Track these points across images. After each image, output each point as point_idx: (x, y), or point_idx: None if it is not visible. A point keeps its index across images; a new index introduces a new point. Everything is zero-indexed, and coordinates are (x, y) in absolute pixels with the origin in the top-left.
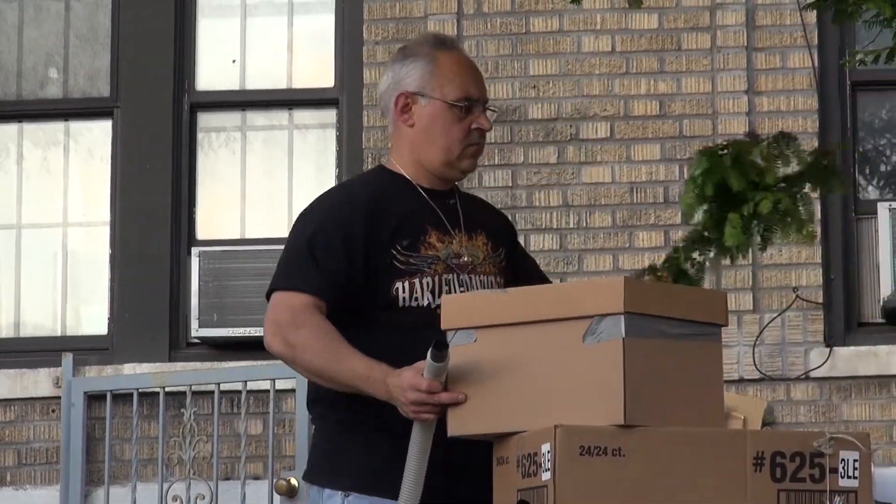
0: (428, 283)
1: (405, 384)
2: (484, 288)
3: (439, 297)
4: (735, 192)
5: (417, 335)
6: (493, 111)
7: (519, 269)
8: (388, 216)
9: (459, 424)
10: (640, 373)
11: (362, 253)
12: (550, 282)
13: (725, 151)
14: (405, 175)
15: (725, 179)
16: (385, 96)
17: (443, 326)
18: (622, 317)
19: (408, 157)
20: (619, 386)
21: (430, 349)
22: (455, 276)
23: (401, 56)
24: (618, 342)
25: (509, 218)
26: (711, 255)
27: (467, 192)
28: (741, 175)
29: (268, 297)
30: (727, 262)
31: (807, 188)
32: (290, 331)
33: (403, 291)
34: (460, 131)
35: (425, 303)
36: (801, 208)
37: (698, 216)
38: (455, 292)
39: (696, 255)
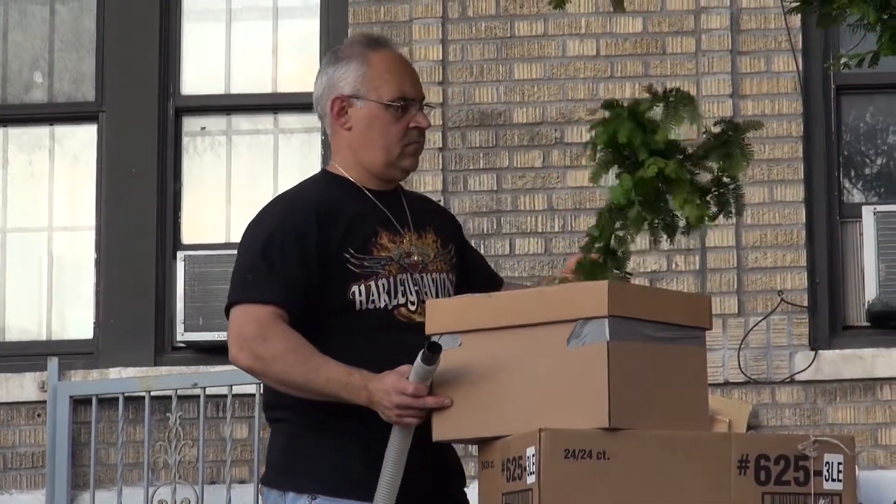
0: (383, 284)
1: (389, 387)
2: (436, 286)
3: (395, 298)
4: (622, 145)
5: (376, 337)
6: (430, 107)
7: (468, 264)
8: (337, 220)
9: (445, 429)
10: (624, 376)
11: (317, 258)
12: (499, 276)
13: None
14: (349, 178)
15: (617, 131)
16: (321, 101)
17: (427, 331)
18: (606, 320)
19: (350, 160)
20: (604, 389)
21: (421, 351)
22: (409, 275)
23: (333, 59)
24: (602, 345)
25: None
26: (630, 227)
27: (411, 191)
28: (633, 130)
29: (227, 310)
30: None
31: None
32: (257, 344)
33: (360, 294)
34: (398, 131)
35: (382, 304)
36: (689, 179)
37: (606, 181)
38: (409, 292)
39: (618, 228)
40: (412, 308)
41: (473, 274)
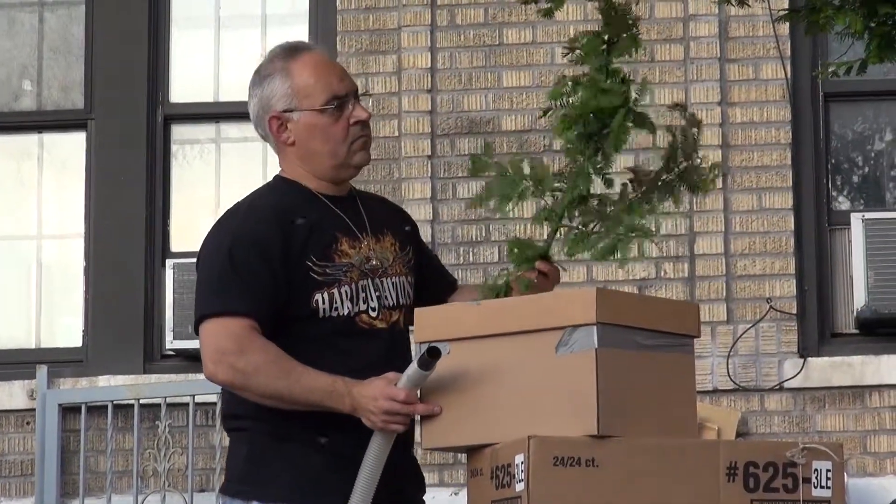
0: (346, 291)
1: (377, 394)
2: (396, 290)
3: (356, 304)
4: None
5: (338, 345)
6: (367, 95)
7: (424, 266)
8: (296, 228)
9: (434, 437)
10: (613, 383)
11: (281, 266)
12: (454, 277)
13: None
14: (303, 184)
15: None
16: (259, 123)
17: (416, 339)
18: (594, 327)
19: (300, 170)
20: (593, 396)
21: (417, 357)
22: (370, 281)
23: (258, 78)
24: (590, 353)
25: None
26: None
27: (367, 192)
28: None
29: (196, 325)
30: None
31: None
32: (236, 358)
33: (323, 302)
34: (340, 131)
35: (345, 312)
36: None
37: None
38: (371, 298)
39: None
40: (373, 314)
41: (429, 276)
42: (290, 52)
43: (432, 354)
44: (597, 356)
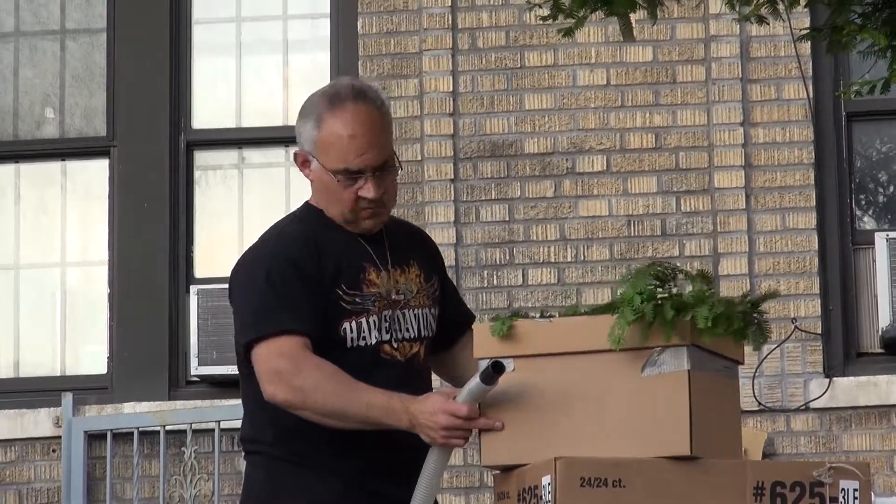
0: (374, 321)
1: (437, 409)
2: (418, 321)
3: (381, 335)
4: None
5: (366, 375)
6: (398, 168)
7: (446, 298)
8: (326, 256)
9: (496, 454)
10: (700, 405)
11: (317, 286)
12: (471, 312)
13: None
14: (328, 215)
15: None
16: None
17: (475, 355)
18: (685, 349)
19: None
20: (685, 418)
21: (480, 371)
22: (392, 312)
23: (302, 109)
24: (682, 374)
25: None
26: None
27: (393, 219)
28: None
29: (245, 351)
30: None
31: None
32: (293, 377)
33: (351, 331)
34: (347, 199)
35: (373, 341)
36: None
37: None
38: (395, 329)
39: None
40: (394, 346)
41: (450, 309)
42: (333, 99)
43: (497, 369)
44: (689, 377)
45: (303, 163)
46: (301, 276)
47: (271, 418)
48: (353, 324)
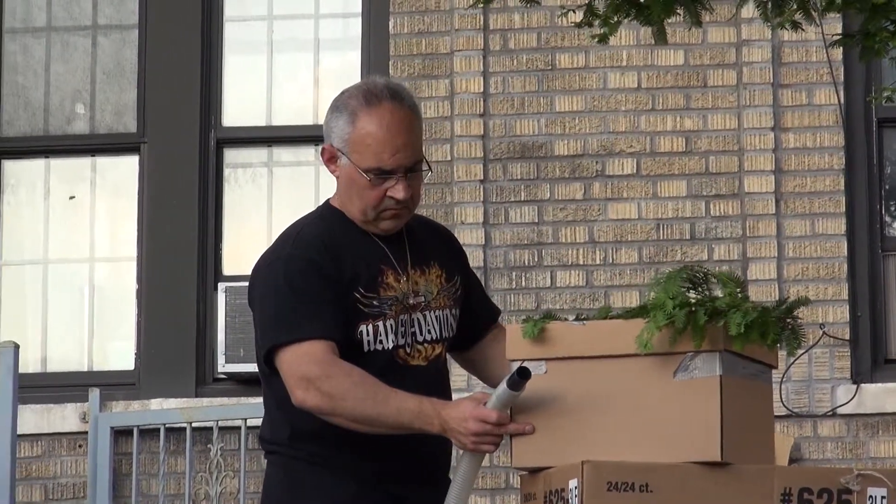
0: (391, 325)
1: (467, 415)
2: (439, 323)
3: (397, 339)
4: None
5: (382, 379)
6: (427, 171)
7: (470, 296)
8: (344, 258)
9: (527, 456)
10: (731, 410)
11: (336, 290)
12: (496, 307)
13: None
14: (349, 216)
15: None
16: (324, 140)
17: (508, 356)
18: (718, 354)
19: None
20: (716, 423)
21: (507, 377)
22: (409, 315)
23: (334, 104)
24: (714, 379)
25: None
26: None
27: (416, 217)
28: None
29: (270, 356)
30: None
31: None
32: (322, 382)
33: (368, 335)
34: (374, 198)
35: (390, 345)
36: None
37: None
38: (416, 332)
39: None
40: (408, 350)
41: (475, 307)
42: (368, 97)
43: (523, 375)
44: (721, 383)
45: (329, 158)
46: (320, 275)
47: (289, 419)
48: (370, 327)
